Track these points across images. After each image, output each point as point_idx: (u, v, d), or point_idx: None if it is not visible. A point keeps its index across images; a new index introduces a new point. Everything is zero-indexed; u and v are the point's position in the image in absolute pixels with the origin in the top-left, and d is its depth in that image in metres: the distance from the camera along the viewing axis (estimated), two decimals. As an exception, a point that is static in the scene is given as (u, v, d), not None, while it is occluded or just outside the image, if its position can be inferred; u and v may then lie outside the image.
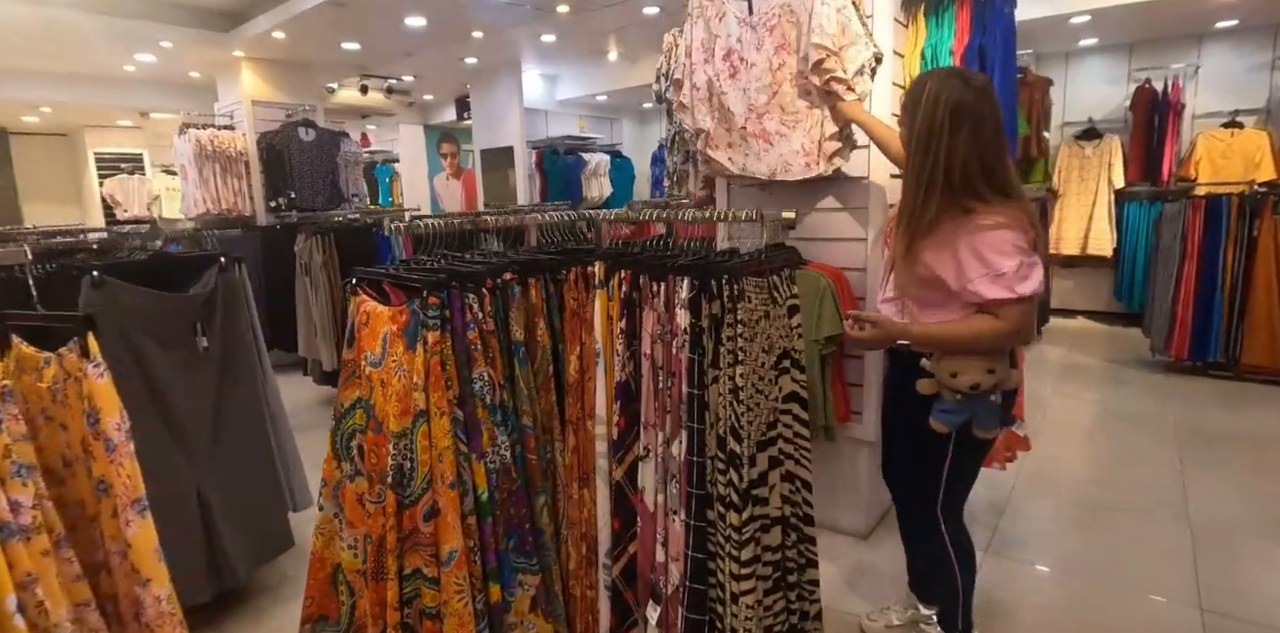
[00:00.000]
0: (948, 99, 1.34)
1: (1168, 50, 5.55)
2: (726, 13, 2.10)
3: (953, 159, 1.33)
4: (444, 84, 7.68)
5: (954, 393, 1.41)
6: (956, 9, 2.25)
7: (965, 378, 1.38)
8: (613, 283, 1.37)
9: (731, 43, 2.11)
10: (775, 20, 2.03)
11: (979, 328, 1.36)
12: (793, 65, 2.02)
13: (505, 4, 4.06)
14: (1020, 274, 1.31)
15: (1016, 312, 1.33)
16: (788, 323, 1.43)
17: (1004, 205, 1.34)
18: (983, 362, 1.38)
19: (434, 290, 1.31)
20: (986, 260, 1.32)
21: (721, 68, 2.13)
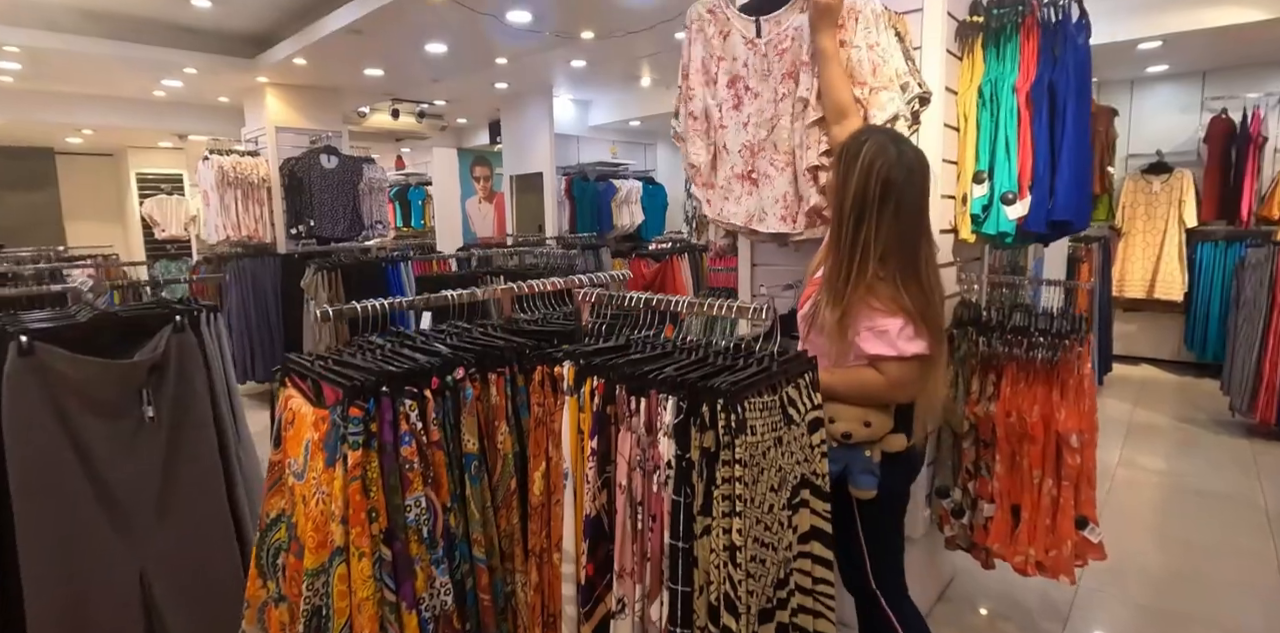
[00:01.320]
0: (880, 171, 1.35)
1: (1246, 78, 5.09)
2: (732, 32, 1.82)
3: (879, 234, 1.35)
4: (476, 108, 7.59)
5: (832, 440, 1.39)
6: (1021, 39, 1.94)
7: (838, 426, 1.39)
8: (585, 390, 1.08)
9: (737, 68, 1.82)
10: (788, 42, 1.74)
11: (859, 379, 1.39)
12: (800, 97, 1.74)
13: (525, 31, 3.87)
14: (905, 333, 1.35)
15: (897, 369, 1.36)
16: (808, 442, 1.13)
17: (905, 289, 1.37)
18: (860, 413, 1.39)
19: (355, 397, 1.05)
20: (874, 317, 1.36)
21: (725, 96, 1.85)
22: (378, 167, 5.63)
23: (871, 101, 1.66)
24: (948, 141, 2.01)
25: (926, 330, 1.36)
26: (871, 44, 1.68)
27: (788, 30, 1.74)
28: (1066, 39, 1.90)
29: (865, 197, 1.34)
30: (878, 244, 1.34)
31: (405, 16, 3.74)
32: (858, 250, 1.35)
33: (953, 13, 1.95)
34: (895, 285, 1.35)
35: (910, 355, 1.35)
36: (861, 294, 1.35)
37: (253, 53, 4.93)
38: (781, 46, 1.75)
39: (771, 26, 1.77)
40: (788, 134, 1.75)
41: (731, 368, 1.07)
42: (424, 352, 1.25)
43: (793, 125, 1.74)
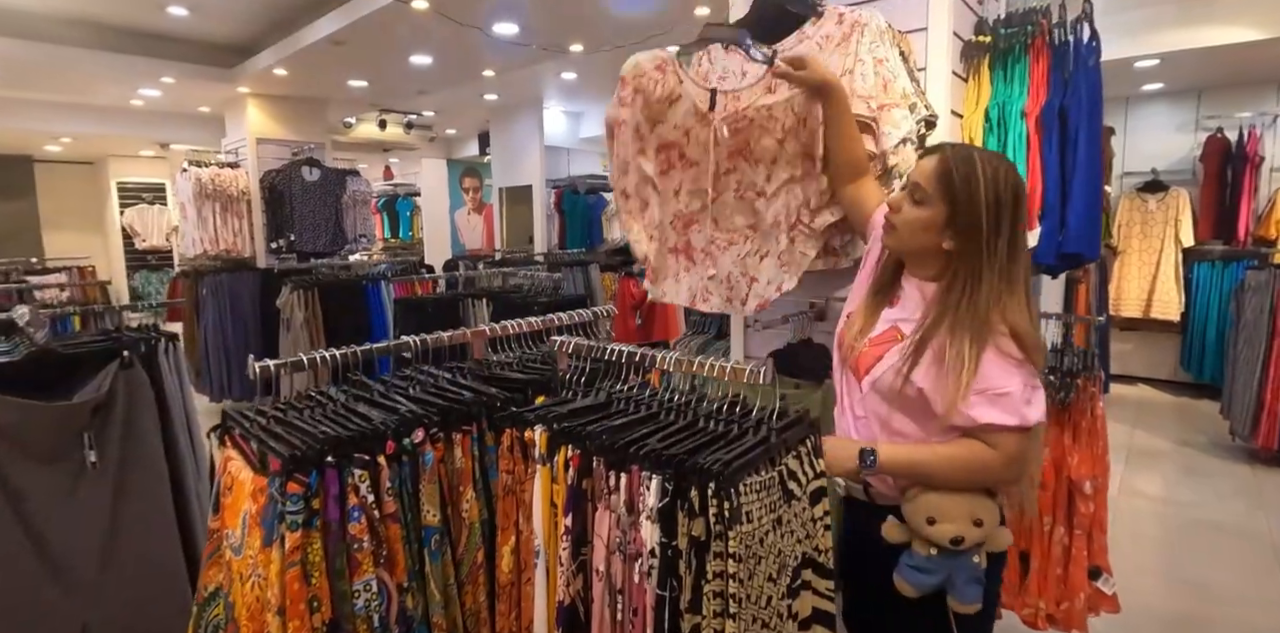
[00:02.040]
0: (1007, 175, 1.12)
1: (1240, 97, 5.04)
2: (681, 99, 1.51)
3: (1015, 250, 1.12)
4: (465, 119, 7.49)
5: (928, 546, 1.11)
6: (1030, 61, 1.84)
7: (945, 528, 1.09)
8: (558, 460, 0.96)
9: (675, 136, 1.54)
10: (744, 123, 1.50)
11: (967, 457, 1.09)
12: (747, 176, 1.52)
13: (512, 44, 3.76)
14: (1025, 397, 1.07)
15: (1016, 442, 1.08)
16: (810, 516, 1.00)
17: (1026, 322, 1.10)
18: (969, 507, 1.10)
19: (296, 470, 0.91)
20: (986, 375, 1.06)
21: (653, 164, 1.55)
22: (362, 179, 5.49)
23: (883, 118, 1.55)
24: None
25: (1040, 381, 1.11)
26: (880, 59, 1.58)
27: (747, 111, 1.49)
28: (1078, 61, 1.80)
29: (999, 204, 1.09)
30: (1014, 264, 1.10)
31: (388, 28, 3.63)
32: (992, 271, 1.09)
33: (958, 32, 1.84)
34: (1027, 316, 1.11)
35: (1033, 424, 1.08)
36: (993, 327, 1.08)
37: (233, 62, 4.81)
38: (736, 126, 1.49)
39: (729, 102, 1.52)
40: (730, 211, 1.55)
41: (725, 436, 0.95)
42: (381, 407, 1.12)
43: (737, 203, 1.57)
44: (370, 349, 1.15)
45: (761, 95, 1.48)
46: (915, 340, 1.12)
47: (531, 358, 1.42)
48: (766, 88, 1.49)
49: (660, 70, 1.47)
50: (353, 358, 1.13)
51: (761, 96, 1.49)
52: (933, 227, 1.14)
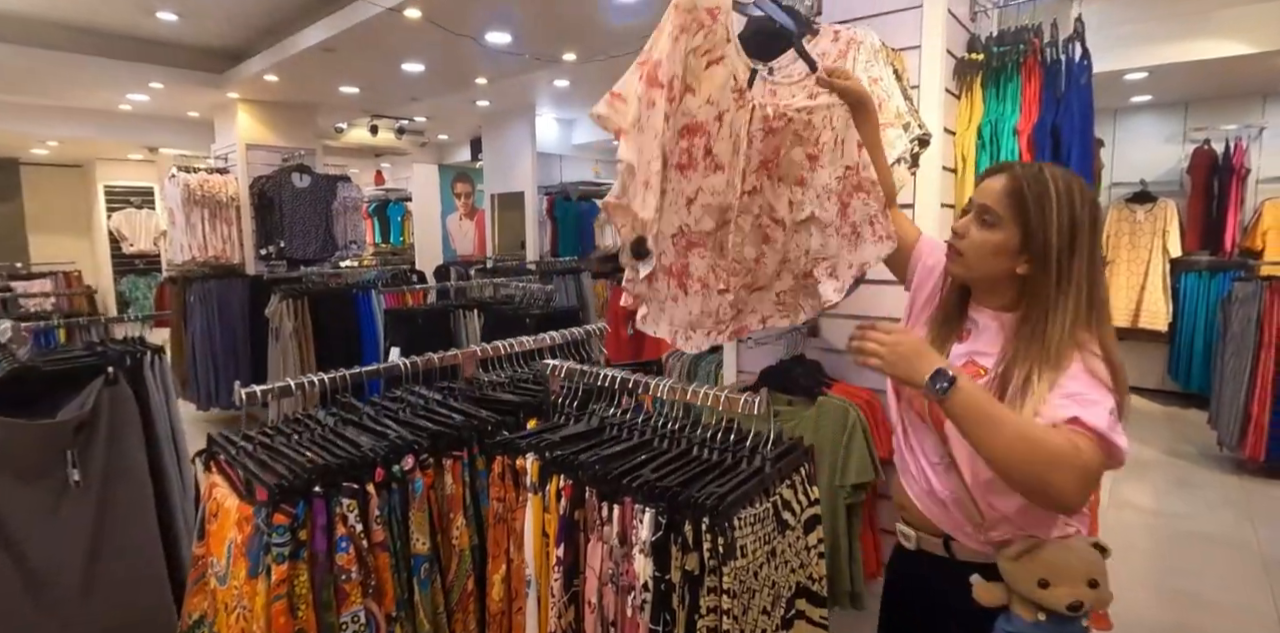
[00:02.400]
0: (1082, 192, 1.04)
1: (1228, 110, 5.09)
2: (724, 61, 1.14)
3: (1092, 269, 1.03)
4: (458, 125, 7.46)
5: (1035, 611, 0.97)
6: (1023, 80, 1.85)
7: (1061, 592, 0.95)
8: (550, 489, 0.94)
9: (705, 116, 1.15)
10: (781, 124, 1.26)
11: (1048, 437, 0.89)
12: (768, 198, 1.30)
13: (505, 53, 3.75)
14: (1113, 418, 0.94)
15: (1094, 453, 0.90)
16: (804, 545, 0.99)
17: (1118, 352, 1.01)
18: (1085, 568, 0.98)
19: (283, 500, 0.90)
20: (1075, 381, 0.96)
21: (675, 145, 1.14)
22: (353, 185, 5.46)
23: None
24: (945, 185, 1.91)
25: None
26: (875, 78, 1.58)
27: (786, 111, 1.27)
28: (1070, 79, 1.81)
29: (1075, 223, 1.01)
30: (1094, 288, 1.02)
31: (380, 36, 3.61)
32: (1075, 291, 1.00)
33: (951, 50, 1.85)
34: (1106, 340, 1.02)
35: (1117, 447, 0.93)
36: (1085, 346, 0.99)
37: (223, 68, 4.77)
38: (772, 125, 1.24)
39: (766, 95, 1.30)
40: (743, 239, 1.29)
41: (719, 466, 0.94)
42: (370, 432, 1.10)
43: (771, 231, 1.34)
44: (360, 373, 1.14)
45: (802, 98, 1.35)
46: (998, 374, 1.02)
47: (523, 377, 1.41)
48: (808, 93, 1.36)
49: (712, 16, 1.08)
50: (341, 382, 1.11)
51: (802, 99, 1.34)
52: (1004, 251, 1.05)
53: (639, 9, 3.16)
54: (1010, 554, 0.99)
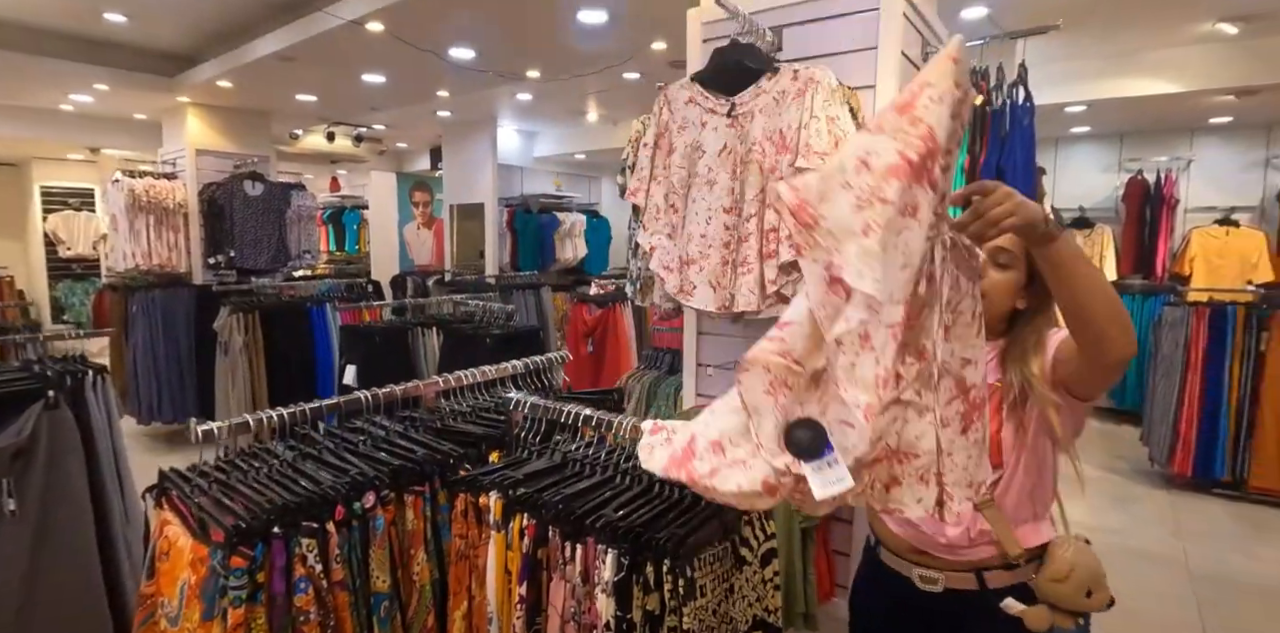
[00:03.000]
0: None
1: (1160, 142, 5.40)
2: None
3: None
4: (417, 134, 7.40)
5: (1075, 618, 1.05)
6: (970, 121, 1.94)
7: (1103, 594, 1.05)
8: (513, 527, 0.95)
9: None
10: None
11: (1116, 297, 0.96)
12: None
13: (468, 69, 3.75)
14: None
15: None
16: (761, 578, 1.02)
17: None
18: (1100, 565, 1.08)
19: (240, 543, 0.88)
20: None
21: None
22: (307, 193, 5.35)
23: None
24: (897, 217, 1.98)
25: None
26: (832, 117, 1.64)
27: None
28: (1014, 122, 1.91)
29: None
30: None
31: (340, 47, 3.57)
32: (1052, 321, 1.10)
33: (904, 90, 1.93)
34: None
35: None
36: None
37: (173, 71, 4.64)
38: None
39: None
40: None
41: (680, 504, 0.96)
42: (330, 466, 1.09)
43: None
44: (320, 407, 1.13)
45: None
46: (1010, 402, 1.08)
47: (485, 406, 1.41)
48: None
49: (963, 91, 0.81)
50: (301, 416, 1.10)
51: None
52: (1014, 289, 1.09)
53: (602, 32, 3.20)
54: (1054, 575, 1.04)
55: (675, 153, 1.81)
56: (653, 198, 1.84)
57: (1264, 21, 3.53)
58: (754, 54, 1.74)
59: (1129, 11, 3.42)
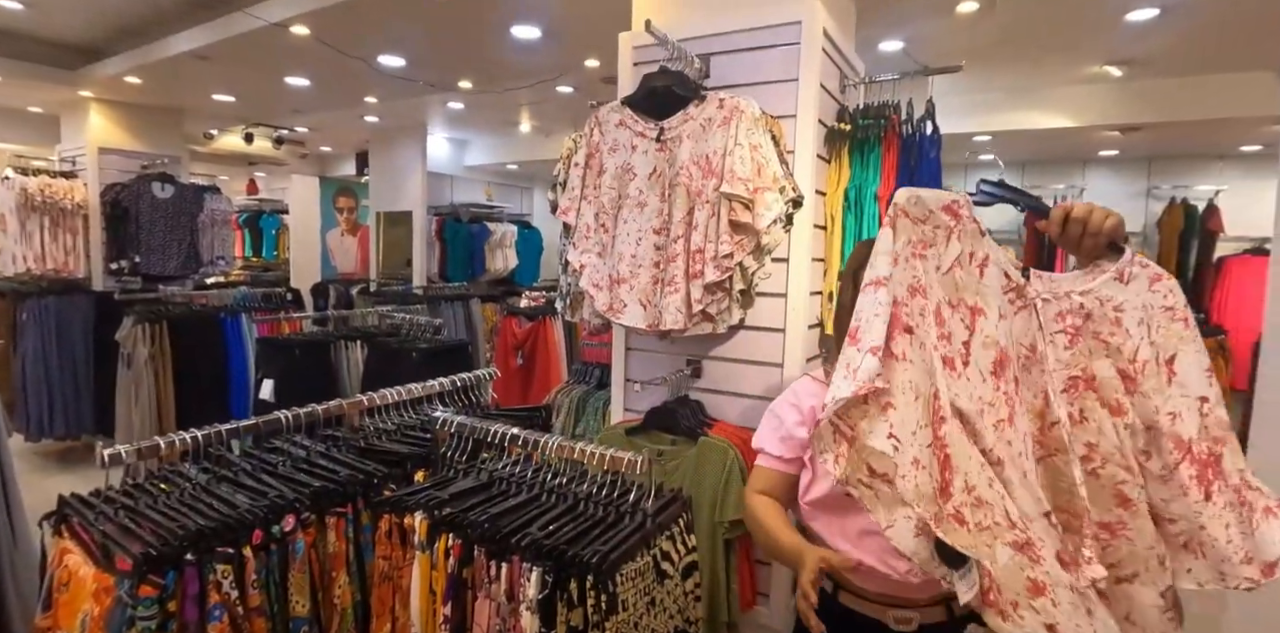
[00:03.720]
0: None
1: (1057, 171, 5.84)
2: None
3: None
4: (343, 138, 7.18)
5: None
6: (883, 150, 2.06)
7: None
8: (438, 547, 0.96)
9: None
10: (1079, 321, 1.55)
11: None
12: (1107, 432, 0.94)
13: (398, 78, 3.70)
14: None
15: None
16: (682, 591, 1.06)
17: None
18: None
19: (150, 570, 0.86)
20: None
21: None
22: (222, 197, 5.12)
23: (758, 201, 1.69)
24: (817, 241, 2.09)
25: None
26: (755, 145, 1.72)
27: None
28: (921, 153, 2.05)
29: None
30: None
31: (263, 49, 3.46)
32: None
33: (823, 119, 2.04)
34: None
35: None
36: None
37: (75, 64, 4.37)
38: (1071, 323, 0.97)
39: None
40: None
41: (603, 522, 0.99)
42: (247, 489, 1.07)
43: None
44: (237, 428, 1.10)
45: (1085, 280, 0.97)
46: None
47: (411, 425, 1.40)
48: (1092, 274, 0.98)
49: (954, 213, 0.96)
50: (216, 437, 1.07)
51: (1085, 281, 0.97)
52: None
53: (536, 48, 3.23)
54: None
55: (606, 174, 1.85)
56: (583, 217, 1.87)
57: (1144, 66, 3.88)
58: (683, 81, 1.81)
59: (1029, 51, 3.70)
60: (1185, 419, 0.81)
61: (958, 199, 0.91)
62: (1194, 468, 0.81)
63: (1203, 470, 0.81)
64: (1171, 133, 4.60)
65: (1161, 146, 5.23)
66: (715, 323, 1.79)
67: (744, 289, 1.80)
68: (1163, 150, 5.38)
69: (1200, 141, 5.00)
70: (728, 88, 1.92)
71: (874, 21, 2.70)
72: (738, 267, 1.73)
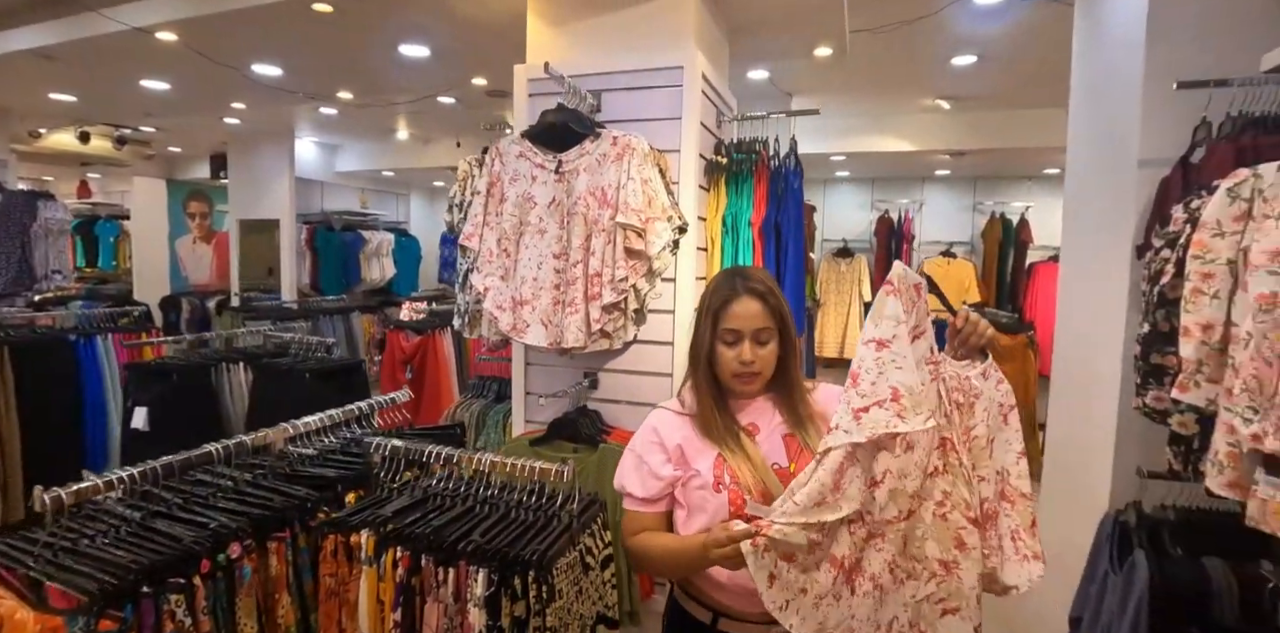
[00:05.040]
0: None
1: (900, 187, 6.54)
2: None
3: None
4: (196, 139, 6.69)
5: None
6: (755, 181, 2.32)
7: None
8: (385, 559, 1.06)
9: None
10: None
11: None
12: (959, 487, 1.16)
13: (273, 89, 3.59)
14: None
15: None
16: (601, 579, 1.22)
17: None
18: None
19: (109, 605, 0.90)
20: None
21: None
22: (57, 204, 4.67)
23: (650, 230, 1.88)
24: (700, 262, 2.31)
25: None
26: (645, 179, 1.91)
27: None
28: (787, 185, 2.32)
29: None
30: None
31: (120, 53, 3.24)
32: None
33: (703, 153, 2.27)
34: None
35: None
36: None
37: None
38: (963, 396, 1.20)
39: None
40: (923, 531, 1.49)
41: (535, 526, 1.13)
42: (184, 522, 1.11)
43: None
44: (172, 466, 1.13)
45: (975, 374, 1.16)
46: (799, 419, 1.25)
47: (332, 448, 1.46)
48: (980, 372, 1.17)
49: (919, 291, 1.11)
50: (150, 475, 1.11)
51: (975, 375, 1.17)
52: (775, 354, 1.26)
53: (424, 64, 3.26)
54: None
55: (507, 202, 1.97)
56: (486, 243, 1.98)
57: (968, 101, 4.50)
58: (579, 119, 1.97)
59: (876, 85, 4.18)
60: (989, 482, 1.09)
61: (921, 281, 1.10)
62: (980, 515, 1.09)
63: (985, 518, 1.10)
64: (990, 157, 5.32)
65: (983, 168, 6.03)
66: (612, 340, 1.96)
67: (638, 308, 1.98)
68: (985, 171, 6.20)
69: (1013, 165, 5.81)
70: (618, 122, 2.10)
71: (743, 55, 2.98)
72: (632, 289, 1.91)
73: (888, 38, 3.05)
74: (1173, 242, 1.39)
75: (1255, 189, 1.18)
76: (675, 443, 1.25)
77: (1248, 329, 1.16)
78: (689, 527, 1.19)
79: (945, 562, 1.05)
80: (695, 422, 1.28)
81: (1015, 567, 1.10)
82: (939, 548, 1.05)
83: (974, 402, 1.09)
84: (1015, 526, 1.11)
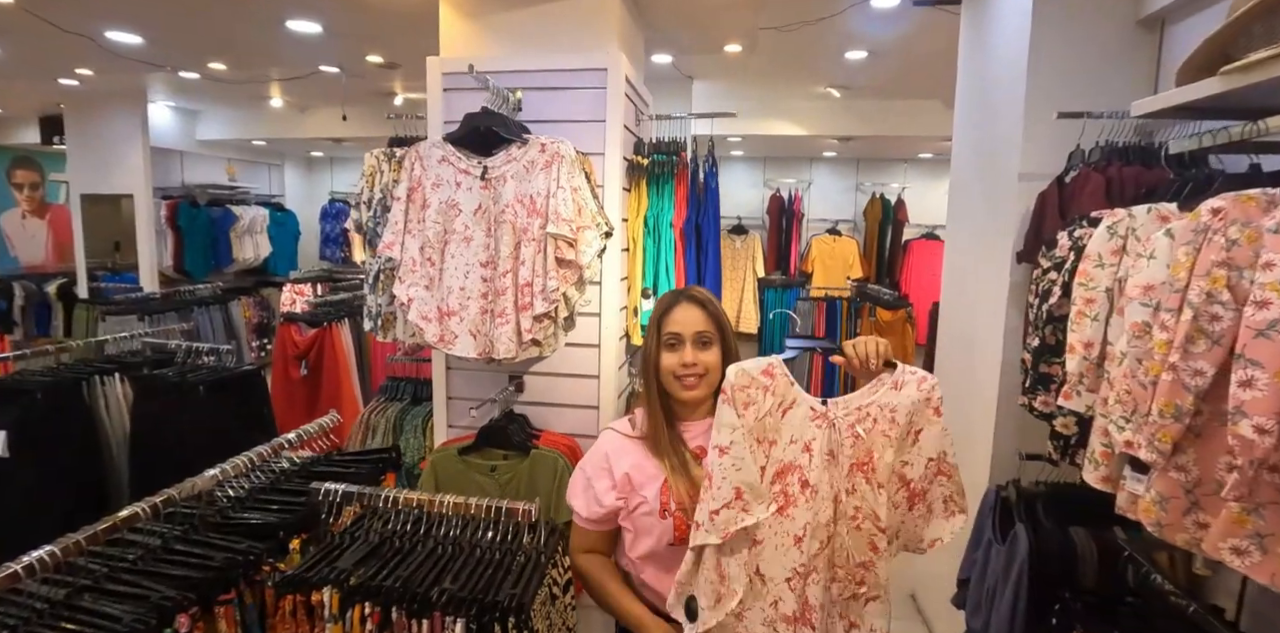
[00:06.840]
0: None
1: (791, 167, 6.79)
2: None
3: None
4: (21, 101, 5.82)
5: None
6: (675, 183, 2.35)
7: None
8: (351, 615, 1.04)
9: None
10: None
11: None
12: (869, 501, 1.29)
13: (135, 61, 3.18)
14: None
15: None
16: (564, 603, 1.26)
17: None
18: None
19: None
20: None
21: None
22: None
23: (581, 238, 1.86)
24: (624, 261, 2.33)
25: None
26: (575, 188, 1.88)
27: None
28: (706, 187, 2.37)
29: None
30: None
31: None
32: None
33: (626, 156, 2.26)
34: None
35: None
36: None
37: None
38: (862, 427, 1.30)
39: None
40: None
41: (504, 565, 1.14)
42: (117, 594, 1.02)
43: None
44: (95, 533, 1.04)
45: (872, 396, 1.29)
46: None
47: (261, 487, 1.39)
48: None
49: (769, 374, 1.23)
50: (75, 548, 1.01)
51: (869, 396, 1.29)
52: (718, 356, 1.34)
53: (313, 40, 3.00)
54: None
55: (430, 208, 1.89)
56: (408, 251, 1.90)
57: (855, 91, 4.71)
58: (505, 124, 1.90)
59: (774, 72, 4.29)
60: (914, 466, 1.26)
61: (773, 363, 1.22)
62: (908, 494, 1.28)
63: (913, 496, 1.28)
64: (873, 142, 5.63)
65: (866, 152, 6.37)
66: (543, 348, 1.95)
67: (568, 316, 1.98)
68: (867, 154, 6.55)
69: (892, 149, 6.18)
70: (539, 123, 2.05)
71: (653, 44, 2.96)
72: (563, 297, 1.90)
73: (791, 34, 3.13)
74: (1059, 266, 1.56)
75: (1129, 228, 1.35)
76: (623, 471, 1.32)
77: (1121, 349, 1.33)
78: (635, 548, 1.30)
79: (863, 562, 1.23)
80: (645, 444, 1.35)
81: (941, 522, 1.29)
82: (858, 553, 1.23)
83: (892, 416, 1.22)
84: (949, 492, 1.29)
